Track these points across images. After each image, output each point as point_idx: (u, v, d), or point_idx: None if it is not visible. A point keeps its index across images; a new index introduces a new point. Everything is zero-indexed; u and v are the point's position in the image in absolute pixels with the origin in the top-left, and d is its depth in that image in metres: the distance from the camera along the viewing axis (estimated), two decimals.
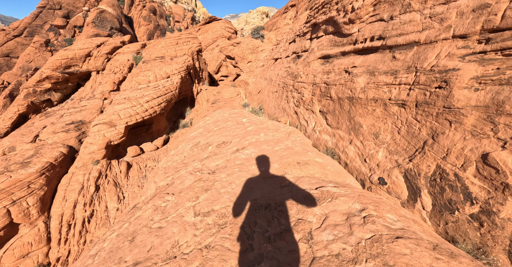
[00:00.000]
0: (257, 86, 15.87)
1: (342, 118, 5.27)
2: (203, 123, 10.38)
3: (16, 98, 20.72)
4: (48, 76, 19.13)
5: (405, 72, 3.84)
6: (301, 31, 10.22)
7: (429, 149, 3.22)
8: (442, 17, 3.37)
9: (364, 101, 4.60)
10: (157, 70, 15.05)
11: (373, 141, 4.27)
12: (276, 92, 11.01)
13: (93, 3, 54.44)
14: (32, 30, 50.93)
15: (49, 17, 52.37)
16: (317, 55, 7.18)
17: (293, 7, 25.40)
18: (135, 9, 56.67)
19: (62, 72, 19.15)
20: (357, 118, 4.75)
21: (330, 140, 5.48)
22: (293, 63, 10.15)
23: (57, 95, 20.77)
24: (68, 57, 18.75)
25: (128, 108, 12.34)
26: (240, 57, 23.22)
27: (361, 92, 4.70)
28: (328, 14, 7.01)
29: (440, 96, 3.19)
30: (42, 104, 20.56)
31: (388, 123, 4.06)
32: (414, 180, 3.33)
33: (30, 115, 19.69)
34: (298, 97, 7.57)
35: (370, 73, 4.68)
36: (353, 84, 4.97)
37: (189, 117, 17.78)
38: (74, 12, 55.09)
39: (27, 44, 49.86)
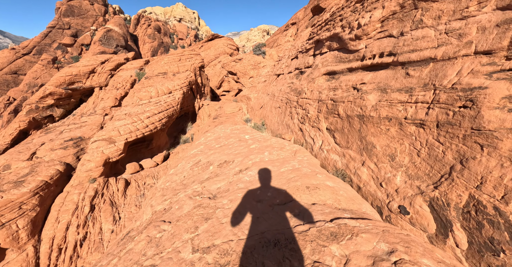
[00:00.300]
0: (259, 101, 15.78)
1: (352, 137, 4.95)
2: (204, 140, 10.10)
3: (18, 115, 20.78)
4: (52, 93, 19.27)
5: (422, 90, 3.57)
6: (304, 48, 10.24)
7: (458, 175, 2.86)
8: (461, 32, 3.16)
9: (377, 120, 4.31)
10: (159, 86, 15.08)
11: (388, 163, 3.91)
12: (279, 107, 10.82)
13: (101, 23, 56.76)
14: (40, 49, 52.72)
15: (58, 36, 54.40)
16: (321, 72, 7.02)
17: (294, 25, 26.15)
18: (140, 28, 59.01)
19: (66, 89, 19.32)
20: (369, 138, 4.42)
21: (339, 160, 5.12)
22: (296, 79, 10.05)
23: (59, 111, 20.81)
24: (72, 74, 19.01)
25: (129, 124, 12.14)
26: (242, 73, 23.49)
27: (372, 111, 4.42)
28: (332, 30, 6.96)
29: (466, 116, 2.88)
30: (44, 120, 20.54)
31: (405, 144, 3.73)
32: (442, 210, 2.92)
33: (31, 131, 19.59)
34: (303, 114, 7.31)
35: (381, 91, 4.43)
36: (363, 102, 4.70)
37: (190, 133, 17.55)
38: (82, 32, 57.33)
39: (35, 61, 51.40)
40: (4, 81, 47.95)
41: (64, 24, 54.94)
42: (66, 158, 11.48)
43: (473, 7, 3.09)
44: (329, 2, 21.46)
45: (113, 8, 57.28)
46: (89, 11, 53.22)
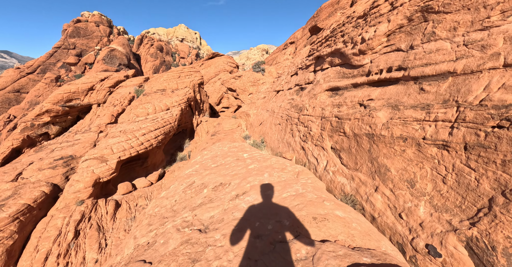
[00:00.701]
0: (258, 117, 15.47)
1: (360, 158, 4.45)
2: (200, 159, 9.55)
3: (12, 133, 20.37)
4: (48, 110, 19.04)
5: (442, 107, 3.15)
6: (304, 64, 10.10)
7: (501, 210, 2.32)
8: (483, 44, 2.81)
9: (389, 139, 3.84)
10: (156, 103, 14.85)
11: (407, 190, 3.37)
12: (279, 124, 10.43)
13: (105, 43, 58.72)
14: (45, 68, 53.90)
15: (63, 56, 55.89)
16: (324, 87, 6.71)
17: (292, 44, 26.81)
18: (143, 47, 60.99)
19: (63, 106, 19.12)
20: (382, 159, 3.93)
21: (347, 183, 4.56)
22: (296, 96, 9.78)
23: (55, 128, 20.44)
24: (71, 91, 18.93)
25: (123, 142, 11.66)
26: (241, 90, 23.55)
27: (383, 129, 3.97)
28: (334, 46, 6.76)
29: (503, 138, 2.42)
30: (39, 137, 20.08)
31: (426, 168, 3.22)
32: (485, 255, 2.34)
33: (24, 150, 19.03)
34: (305, 132, 6.87)
35: (392, 107, 4.03)
36: (372, 119, 4.28)
37: (187, 150, 17.01)
38: (86, 51, 59.04)
39: (39, 80, 52.24)
40: (6, 100, 48.29)
41: (70, 45, 56.71)
42: (54, 178, 10.83)
43: (495, 17, 2.78)
44: (326, 22, 22.13)
45: (118, 29, 59.65)
46: (94, 32, 55.28)
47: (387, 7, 4.83)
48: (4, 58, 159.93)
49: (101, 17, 55.22)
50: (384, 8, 4.90)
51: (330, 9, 22.36)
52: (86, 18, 54.56)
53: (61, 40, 55.63)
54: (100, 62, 53.95)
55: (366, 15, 5.62)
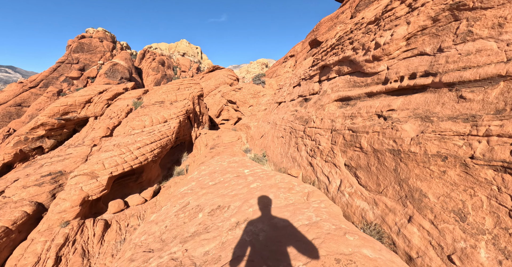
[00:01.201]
0: (259, 130, 14.84)
1: (384, 178, 3.73)
2: (197, 175, 8.77)
3: (5, 147, 19.62)
4: (43, 123, 18.45)
5: (495, 118, 2.50)
6: (307, 75, 9.64)
7: None
8: None
9: (422, 157, 3.15)
10: (154, 115, 14.28)
11: (456, 224, 2.62)
12: (282, 137, 9.76)
13: (108, 58, 59.63)
14: (47, 82, 54.19)
15: (66, 70, 56.42)
16: (332, 98, 6.12)
17: (292, 57, 26.89)
18: (145, 62, 61.89)
19: (59, 119, 18.56)
20: (414, 182, 3.21)
21: (369, 209, 3.80)
22: (300, 107, 9.20)
23: (49, 142, 19.73)
24: (68, 104, 18.45)
25: (116, 156, 10.91)
26: (242, 102, 23.16)
27: (413, 145, 3.29)
28: (341, 54, 6.27)
29: None
30: (32, 152, 19.31)
31: (480, 196, 2.51)
32: None
33: (15, 164, 18.18)
34: (313, 146, 6.18)
35: (422, 119, 3.38)
36: (396, 133, 3.61)
37: (185, 164, 16.19)
38: (89, 66, 59.77)
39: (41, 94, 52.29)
40: (7, 113, 47.96)
41: (73, 59, 57.48)
42: (39, 196, 9.95)
43: None
44: (326, 36, 22.24)
45: (121, 44, 60.86)
46: (98, 47, 56.31)
47: (404, 9, 4.34)
48: (8, 73, 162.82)
49: (105, 33, 56.50)
50: (401, 11, 4.41)
51: (329, 23, 22.58)
52: (90, 34, 55.80)
53: (65, 55, 56.48)
54: (102, 76, 54.36)
55: (378, 20, 5.15)
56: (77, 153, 12.53)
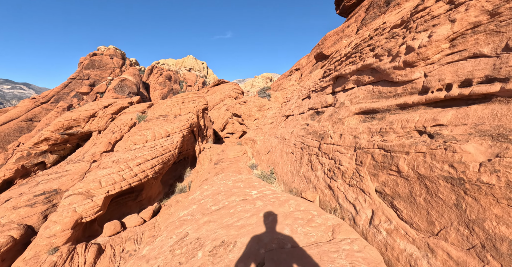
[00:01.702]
0: (266, 144, 14.02)
1: (440, 215, 2.81)
2: (199, 195, 7.88)
3: (7, 162, 19.20)
4: (47, 138, 18.07)
5: None
6: (318, 86, 8.96)
7: None
8: None
9: (503, 192, 2.27)
10: (156, 129, 13.68)
11: None
12: (292, 153, 8.89)
13: (117, 74, 61.15)
14: (59, 98, 55.43)
15: (77, 86, 57.84)
16: (352, 110, 5.33)
17: (298, 70, 26.64)
18: (153, 77, 63.19)
19: (62, 134, 18.18)
20: (492, 225, 2.30)
21: (422, 257, 2.84)
22: (311, 120, 8.42)
23: (52, 157, 19.24)
24: (72, 119, 18.15)
25: (113, 174, 10.14)
26: (247, 115, 22.60)
27: (484, 173, 2.42)
28: (360, 63, 5.57)
29: None
30: (34, 167, 18.79)
31: None
32: None
33: (16, 181, 17.59)
34: (331, 165, 5.30)
35: (492, 138, 2.53)
36: (454, 156, 2.75)
37: (187, 180, 15.29)
38: (99, 81, 61.24)
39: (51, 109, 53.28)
40: (18, 128, 48.58)
41: (84, 76, 59.10)
42: (30, 218, 9.13)
43: None
44: (332, 49, 21.98)
45: (130, 60, 62.66)
46: (108, 64, 57.98)
47: (443, 7, 3.65)
48: (23, 89, 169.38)
49: (115, 50, 58.42)
50: (438, 9, 3.72)
51: (335, 37, 22.42)
52: (102, 51, 57.75)
53: (76, 71, 58.23)
54: (111, 91, 55.36)
55: (406, 22, 4.47)
56: (75, 170, 11.84)
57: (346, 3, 22.68)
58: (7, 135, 47.06)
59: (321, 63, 23.45)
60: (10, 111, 50.24)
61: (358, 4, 22.03)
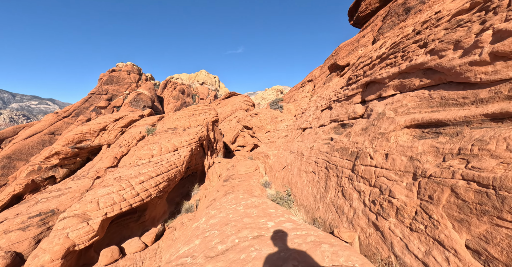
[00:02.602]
0: (280, 160, 12.67)
1: None
2: (204, 223, 6.61)
3: (18, 177, 18.93)
4: (58, 152, 17.71)
5: None
6: (341, 96, 7.73)
7: None
8: None
9: None
10: (164, 143, 12.78)
11: None
12: (313, 173, 7.51)
13: (133, 88, 63.09)
14: (79, 112, 57.56)
15: (96, 101, 60.04)
16: (400, 123, 4.02)
17: (310, 82, 25.65)
18: (167, 91, 64.62)
19: (72, 148, 17.79)
20: None
21: None
22: (337, 134, 7.10)
23: (62, 171, 18.79)
24: (82, 132, 17.81)
25: (113, 193, 9.12)
26: (258, 127, 21.51)
27: None
28: (404, 63, 4.33)
29: None
30: (44, 181, 18.34)
31: None
32: None
33: (25, 196, 17.10)
34: (376, 196, 3.92)
35: None
36: None
37: (195, 198, 14.04)
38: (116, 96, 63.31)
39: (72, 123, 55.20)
40: (41, 141, 50.15)
41: (103, 91, 61.43)
42: (20, 243, 8.15)
43: None
44: (347, 59, 20.93)
45: (146, 76, 64.75)
46: (125, 79, 60.11)
47: None
48: (48, 105, 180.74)
49: (133, 66, 60.69)
50: None
51: (349, 47, 21.45)
52: (120, 68, 60.15)
53: (96, 87, 60.72)
54: (127, 105, 56.79)
55: (482, 3, 3.25)
56: (77, 187, 10.99)
57: (360, 13, 21.88)
58: (30, 148, 48.39)
59: (335, 74, 22.36)
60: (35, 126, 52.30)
61: (373, 14, 21.15)
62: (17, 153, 43.73)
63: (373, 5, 21.09)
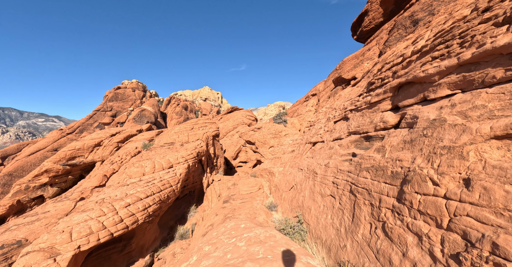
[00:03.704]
0: (286, 178, 11.10)
1: None
2: (195, 266, 5.00)
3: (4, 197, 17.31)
4: (47, 170, 16.28)
5: None
6: (361, 103, 6.43)
7: None
8: None
9: None
10: (158, 159, 11.35)
11: None
12: (331, 197, 5.96)
13: (138, 105, 63.11)
14: (83, 128, 57.02)
15: (100, 117, 59.76)
16: (484, 132, 2.62)
17: (314, 96, 24.71)
18: (170, 107, 64.48)
19: (64, 165, 16.38)
20: None
21: None
22: (359, 149, 5.68)
23: (52, 190, 17.18)
24: (75, 148, 16.52)
25: (91, 220, 7.52)
26: (261, 142, 20.12)
27: None
28: (469, 50, 3.06)
29: None
30: (31, 202, 16.67)
31: None
32: None
33: (9, 218, 15.38)
34: (461, 249, 2.41)
35: None
36: None
37: (191, 221, 12.25)
38: (121, 112, 63.15)
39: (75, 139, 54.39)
40: (44, 158, 48.92)
41: (108, 107, 61.41)
42: None
43: None
44: (352, 73, 20.12)
45: (150, 92, 65.12)
46: (130, 96, 60.35)
47: None
48: (54, 122, 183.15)
49: (137, 83, 61.26)
50: None
51: (354, 61, 20.79)
52: (125, 85, 60.70)
53: (101, 104, 60.80)
54: (130, 121, 56.27)
55: None
56: (56, 211, 9.40)
57: (364, 28, 21.53)
58: (33, 165, 47.03)
59: (340, 87, 21.44)
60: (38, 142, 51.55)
61: (377, 28, 20.77)
62: (19, 170, 42.23)
63: (376, 20, 20.75)
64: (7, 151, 48.28)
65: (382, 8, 20.50)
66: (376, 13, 21.14)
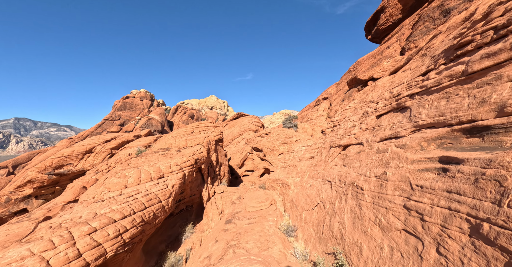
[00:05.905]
0: (306, 192, 8.41)
1: None
2: None
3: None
4: (31, 180, 14.02)
5: None
6: (439, 79, 3.91)
7: None
8: None
9: None
10: (145, 168, 8.91)
11: None
12: (405, 233, 3.30)
13: (145, 113, 61.94)
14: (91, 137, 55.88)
15: (109, 126, 58.63)
16: None
17: (326, 100, 22.28)
18: (177, 115, 63.08)
19: (49, 174, 14.12)
20: None
21: None
22: (452, 151, 3.10)
23: (37, 202, 14.80)
24: (63, 156, 14.33)
25: (29, 258, 4.99)
26: (270, 149, 17.54)
27: None
28: None
29: None
30: (13, 216, 14.32)
31: None
32: None
33: None
34: None
35: None
36: None
37: (186, 246, 9.52)
38: (128, 121, 61.96)
39: None
40: None
41: (116, 116, 60.40)
42: None
43: None
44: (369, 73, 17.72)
45: (158, 102, 64.18)
46: (138, 105, 59.41)
47: None
48: (65, 131, 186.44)
49: (145, 93, 60.52)
50: None
51: (371, 61, 18.48)
52: (134, 94, 60.00)
53: (110, 113, 59.95)
54: (137, 130, 54.75)
55: None
56: (6, 237, 6.96)
57: (379, 26, 19.36)
58: None
59: (355, 89, 18.97)
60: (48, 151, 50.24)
61: (395, 26, 18.57)
62: None
63: (394, 17, 18.56)
64: (18, 160, 47.16)
65: (401, 3, 18.29)
66: (394, 9, 18.93)
